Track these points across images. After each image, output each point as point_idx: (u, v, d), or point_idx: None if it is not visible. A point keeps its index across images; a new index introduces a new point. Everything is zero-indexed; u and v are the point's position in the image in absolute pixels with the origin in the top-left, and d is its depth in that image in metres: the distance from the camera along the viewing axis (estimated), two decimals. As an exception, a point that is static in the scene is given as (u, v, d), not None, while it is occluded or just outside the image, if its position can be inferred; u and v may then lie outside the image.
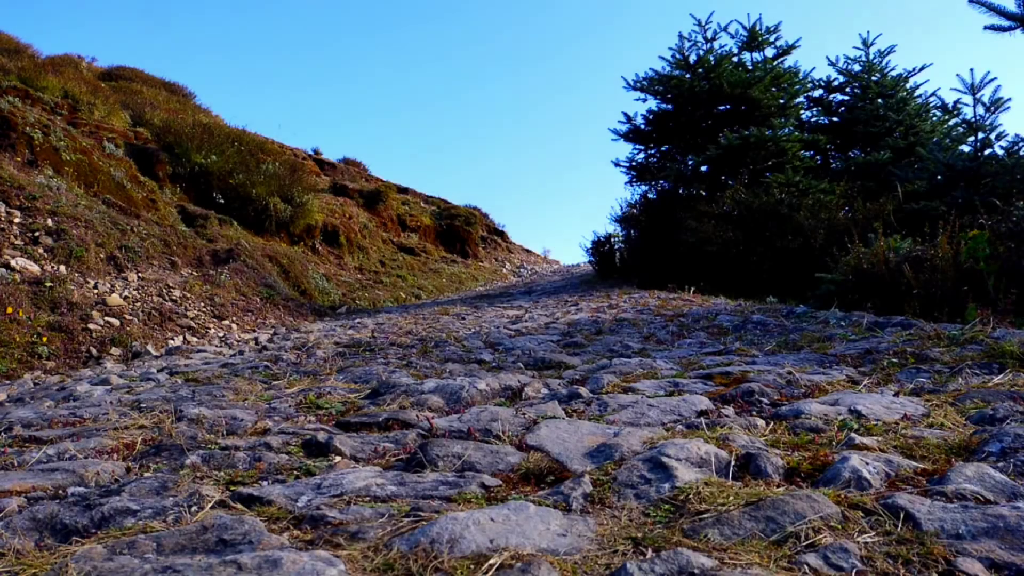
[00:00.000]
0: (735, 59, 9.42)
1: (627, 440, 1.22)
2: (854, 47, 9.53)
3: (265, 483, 1.08)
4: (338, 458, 1.24)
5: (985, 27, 4.37)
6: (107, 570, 0.72)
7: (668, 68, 9.63)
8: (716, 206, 7.72)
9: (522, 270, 16.27)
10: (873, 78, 9.32)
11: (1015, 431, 1.14)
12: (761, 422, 1.38)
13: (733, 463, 1.08)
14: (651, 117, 9.93)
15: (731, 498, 0.90)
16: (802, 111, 10.09)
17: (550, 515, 0.88)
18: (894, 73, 9.32)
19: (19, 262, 4.17)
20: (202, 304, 5.20)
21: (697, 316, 3.87)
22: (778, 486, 0.99)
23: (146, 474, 1.17)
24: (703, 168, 9.14)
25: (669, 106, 9.68)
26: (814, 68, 13.68)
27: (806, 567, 0.72)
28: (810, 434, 1.27)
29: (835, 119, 9.81)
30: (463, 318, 5.22)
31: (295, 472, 1.15)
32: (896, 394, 1.56)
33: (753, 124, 8.85)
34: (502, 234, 18.97)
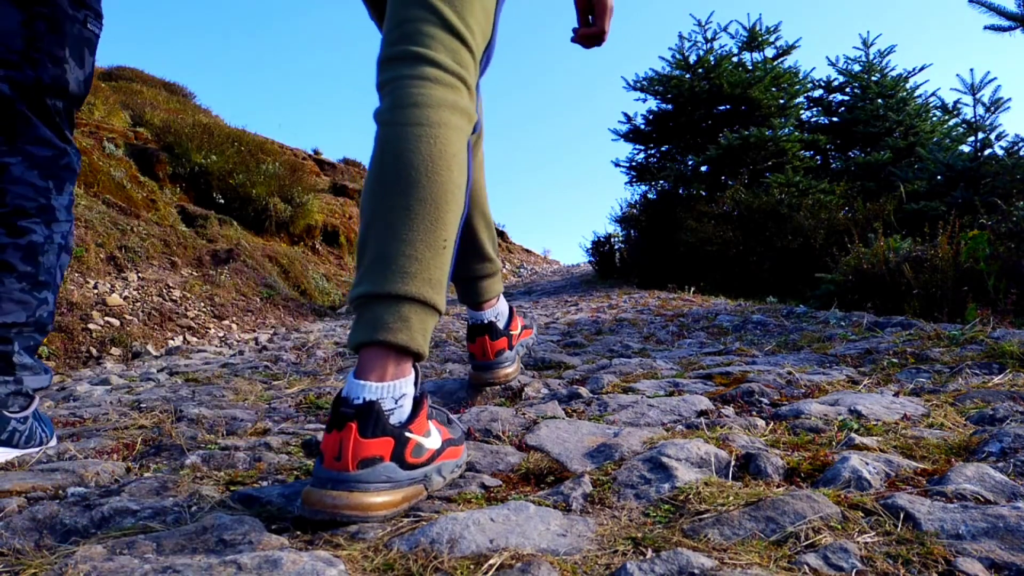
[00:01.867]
0: (735, 59, 9.43)
1: (627, 440, 1.22)
2: (854, 47, 9.55)
3: (265, 483, 1.08)
4: (338, 458, 1.24)
5: (985, 27, 4.38)
6: (107, 570, 0.72)
7: (668, 68, 9.65)
8: (716, 206, 7.72)
9: (522, 270, 16.27)
10: (873, 78, 9.33)
11: (1015, 431, 1.14)
12: (761, 422, 1.38)
13: (733, 463, 1.08)
14: (651, 117, 9.95)
15: (731, 498, 0.90)
16: (802, 111, 10.11)
17: (550, 515, 0.88)
18: (894, 73, 9.34)
19: (19, 262, 4.17)
20: (202, 304, 5.20)
21: (697, 316, 3.87)
22: (778, 486, 0.99)
23: (146, 474, 1.17)
24: (703, 168, 9.15)
25: (669, 106, 9.70)
26: (814, 68, 13.69)
27: (806, 567, 0.72)
28: (810, 434, 1.27)
29: (835, 119, 9.83)
30: (463, 318, 5.22)
31: (295, 472, 1.15)
32: (896, 394, 1.56)
33: (753, 124, 8.86)
34: (502, 234, 18.98)
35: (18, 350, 1.32)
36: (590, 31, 1.31)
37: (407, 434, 0.93)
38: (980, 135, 6.49)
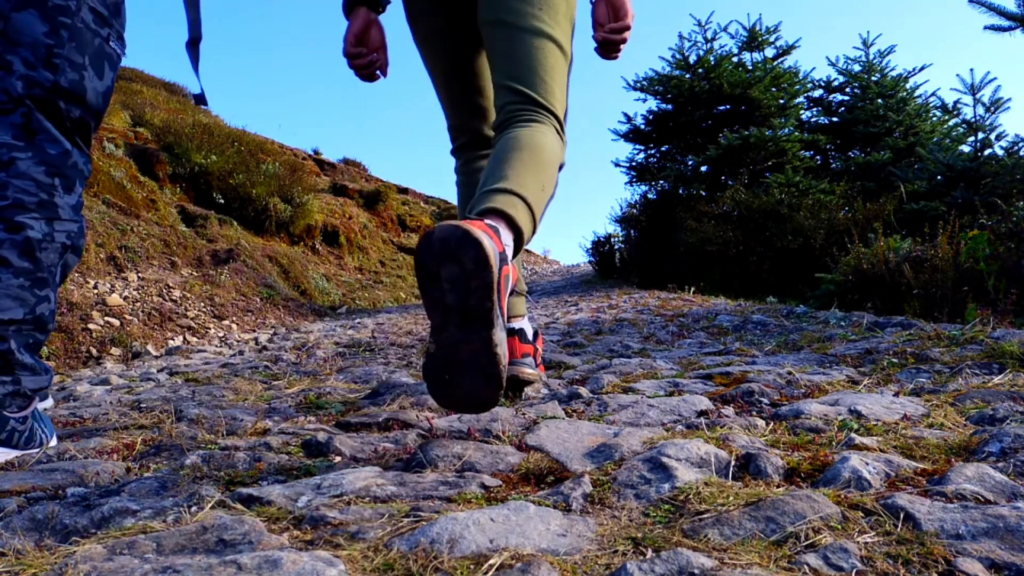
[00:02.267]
0: (735, 59, 9.43)
1: (627, 440, 1.22)
2: (854, 47, 9.54)
3: (265, 483, 1.08)
4: (338, 458, 1.24)
5: (985, 27, 4.38)
6: (107, 570, 0.72)
7: (668, 68, 9.65)
8: (716, 206, 7.73)
9: (522, 270, 16.27)
10: (873, 78, 9.33)
11: (1015, 431, 1.14)
12: (761, 422, 1.38)
13: (733, 463, 1.08)
14: (651, 117, 9.95)
15: (731, 498, 0.90)
16: (802, 111, 10.11)
17: (550, 515, 0.88)
18: (894, 73, 9.34)
19: (19, 262, 4.17)
20: (202, 304, 5.20)
21: (697, 316, 3.87)
22: (778, 486, 0.99)
23: (146, 474, 1.17)
24: (703, 168, 9.15)
25: (669, 106, 9.70)
26: (814, 68, 13.71)
27: (806, 567, 0.72)
28: (810, 434, 1.27)
29: (835, 119, 9.83)
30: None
31: (295, 472, 1.15)
32: (896, 394, 1.56)
33: (753, 124, 8.86)
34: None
35: (17, 348, 1.30)
36: (616, 25, 1.52)
37: (507, 264, 1.12)
38: (980, 135, 6.49)
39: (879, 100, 9.19)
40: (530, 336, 1.79)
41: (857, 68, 9.43)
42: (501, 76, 1.47)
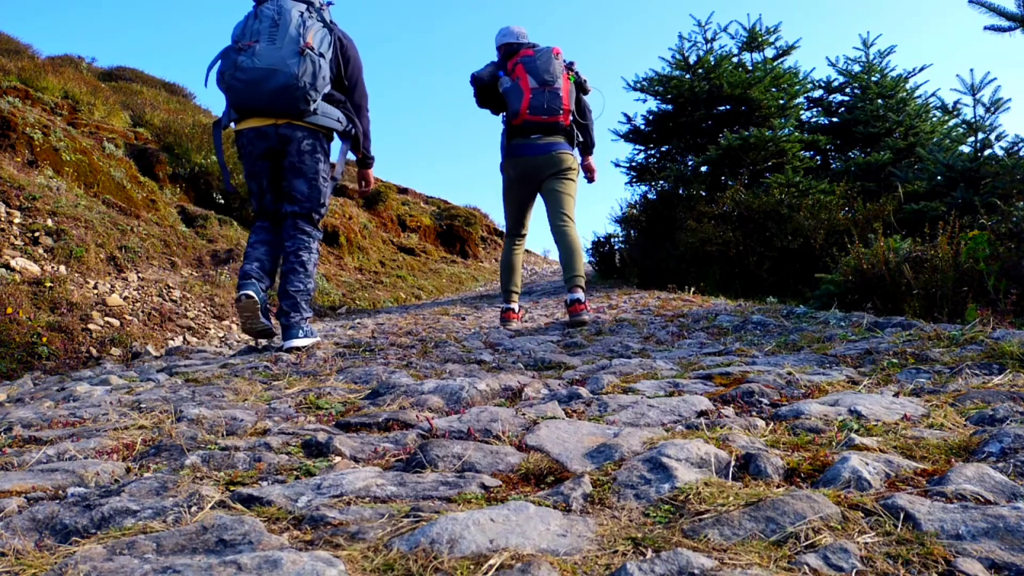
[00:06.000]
0: (735, 60, 9.42)
1: (627, 440, 1.22)
2: (854, 47, 9.54)
3: (265, 483, 1.08)
4: (338, 458, 1.24)
5: (985, 27, 4.37)
6: (107, 570, 0.72)
7: (668, 69, 9.64)
8: (716, 206, 7.72)
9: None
10: (873, 78, 9.32)
11: (1015, 431, 1.14)
12: (761, 422, 1.38)
13: (733, 463, 1.08)
14: (651, 118, 9.93)
15: (731, 498, 0.90)
16: (802, 111, 10.09)
17: (550, 515, 0.88)
18: (894, 73, 9.33)
19: (19, 262, 4.17)
20: (202, 304, 5.20)
21: (697, 316, 3.87)
22: (778, 486, 0.99)
23: (146, 474, 1.17)
24: (703, 168, 9.14)
25: (669, 106, 9.68)
26: (814, 68, 13.68)
27: (806, 567, 0.72)
28: (810, 434, 1.27)
29: (835, 119, 9.82)
30: (463, 318, 5.22)
31: (295, 472, 1.15)
32: (896, 394, 1.56)
33: (753, 124, 8.85)
34: (502, 234, 18.97)
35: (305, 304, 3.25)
36: (594, 178, 4.51)
37: (588, 304, 4.23)
38: (980, 135, 6.48)
39: (879, 100, 9.18)
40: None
41: (857, 68, 9.42)
42: (555, 210, 4.07)
